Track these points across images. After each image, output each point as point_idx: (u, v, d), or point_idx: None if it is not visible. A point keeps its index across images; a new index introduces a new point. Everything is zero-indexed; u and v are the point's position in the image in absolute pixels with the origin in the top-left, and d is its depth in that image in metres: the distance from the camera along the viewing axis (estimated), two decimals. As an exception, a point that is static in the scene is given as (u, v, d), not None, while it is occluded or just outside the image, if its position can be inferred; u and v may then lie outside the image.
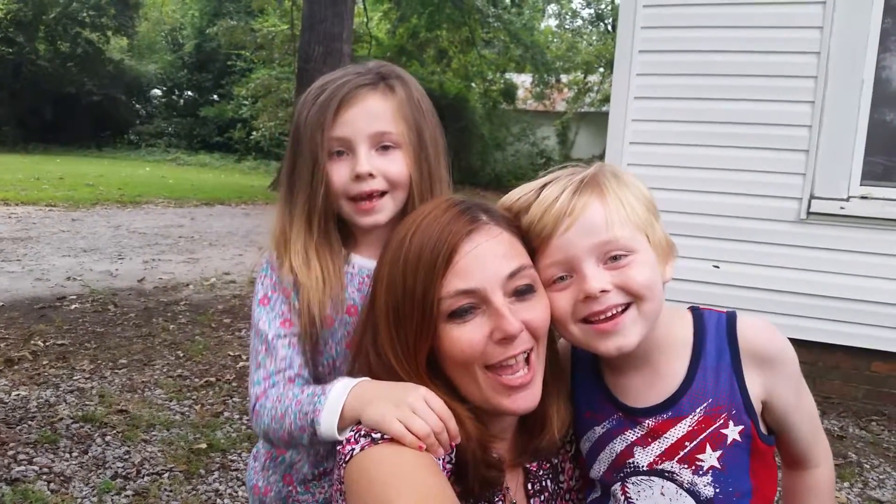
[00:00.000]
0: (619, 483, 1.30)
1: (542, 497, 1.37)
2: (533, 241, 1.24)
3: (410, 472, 1.04)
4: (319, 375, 1.52)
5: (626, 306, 1.20)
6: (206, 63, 34.67)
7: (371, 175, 1.43)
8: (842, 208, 4.93)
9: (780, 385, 1.27)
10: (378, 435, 1.12)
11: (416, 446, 1.10)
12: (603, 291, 1.18)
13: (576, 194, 1.21)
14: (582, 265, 1.20)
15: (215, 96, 34.74)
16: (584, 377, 1.38)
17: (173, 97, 36.73)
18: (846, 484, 3.97)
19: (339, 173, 1.45)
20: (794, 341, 1.22)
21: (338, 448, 1.16)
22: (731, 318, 1.29)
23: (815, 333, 5.07)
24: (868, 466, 4.21)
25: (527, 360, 1.20)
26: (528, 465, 1.36)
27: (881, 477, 4.09)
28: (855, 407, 5.05)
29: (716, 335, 1.28)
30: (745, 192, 5.14)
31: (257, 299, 1.51)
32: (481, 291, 1.16)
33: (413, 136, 1.48)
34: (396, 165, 1.46)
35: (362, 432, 1.14)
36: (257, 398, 1.41)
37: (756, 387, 1.26)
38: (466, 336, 1.17)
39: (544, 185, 1.27)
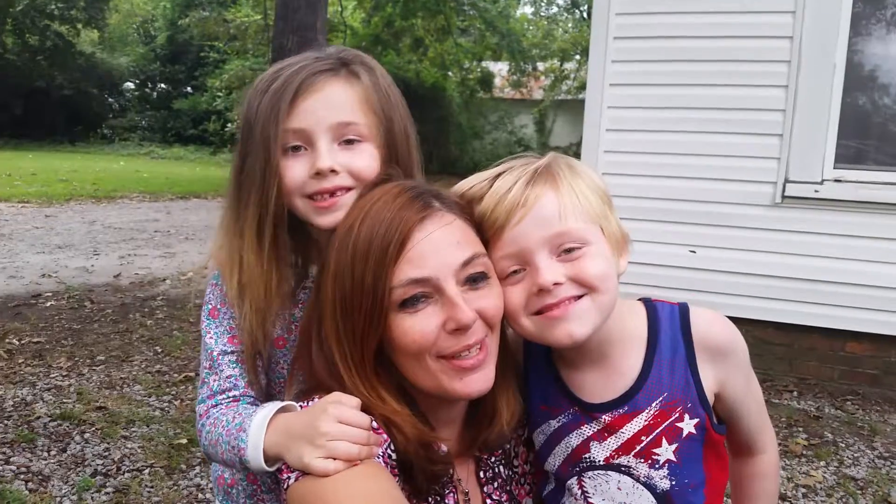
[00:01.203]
0: (576, 477, 1.29)
1: (496, 483, 1.35)
2: (486, 232, 1.21)
3: (350, 486, 1.02)
4: (272, 394, 1.46)
5: (580, 297, 1.18)
6: (179, 55, 34.24)
7: (333, 171, 1.27)
8: (816, 191, 4.98)
9: (732, 375, 1.28)
10: None
11: (347, 467, 1.07)
12: (556, 284, 1.16)
13: (529, 185, 1.19)
14: (535, 258, 1.17)
15: (189, 88, 34.34)
16: (538, 370, 1.36)
17: (146, 90, 36.25)
18: (822, 463, 4.04)
19: (294, 171, 1.29)
20: (771, 324, 1.23)
21: (278, 475, 1.15)
22: (683, 311, 1.29)
23: (791, 315, 5.14)
24: (843, 445, 4.28)
25: (479, 345, 1.17)
26: (483, 455, 1.34)
27: (856, 455, 4.16)
28: (830, 387, 5.12)
29: (670, 328, 1.27)
30: (720, 177, 5.18)
31: (207, 309, 1.41)
32: (434, 280, 1.13)
33: (382, 129, 1.34)
34: (363, 159, 1.31)
35: None
36: (200, 416, 1.34)
37: (709, 379, 1.26)
38: (419, 326, 1.13)
39: (497, 176, 1.24)
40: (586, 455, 1.28)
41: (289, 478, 1.09)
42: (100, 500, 3.39)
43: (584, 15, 31.05)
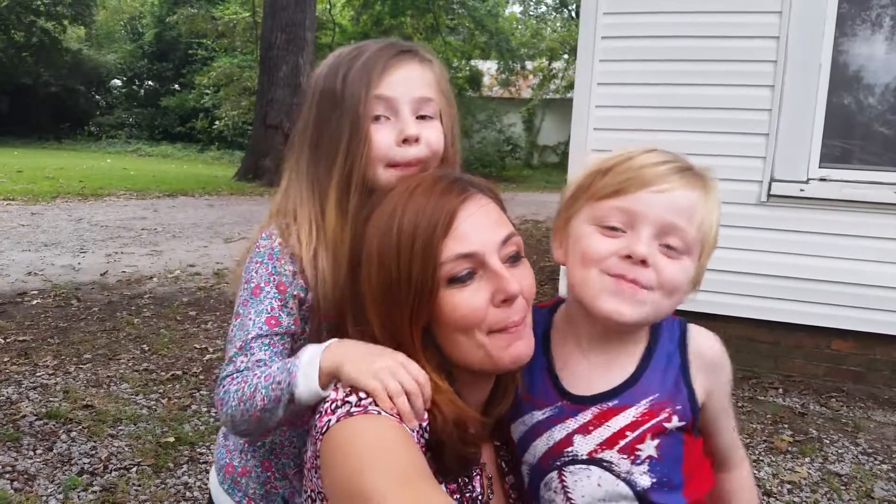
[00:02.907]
0: (556, 471, 1.29)
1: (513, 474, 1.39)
2: (610, 184, 1.25)
3: (386, 446, 1.03)
4: None
5: (649, 288, 1.21)
6: (167, 52, 34.08)
7: (417, 140, 1.36)
8: (801, 190, 5.02)
9: (718, 389, 1.32)
10: (356, 408, 1.10)
11: (388, 406, 1.10)
12: (644, 262, 1.19)
13: (682, 172, 1.24)
14: (643, 227, 1.20)
15: (176, 86, 34.20)
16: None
17: (134, 87, 36.05)
18: (807, 459, 4.07)
19: (382, 135, 1.35)
20: (757, 322, 1.26)
21: (313, 422, 1.15)
22: (682, 325, 1.34)
23: (777, 314, 5.18)
24: (828, 442, 4.32)
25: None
26: (496, 442, 1.37)
27: (840, 451, 4.20)
28: (816, 384, 5.17)
29: (668, 338, 1.32)
30: (707, 176, 5.21)
31: (249, 288, 1.38)
32: (480, 255, 1.17)
33: (448, 110, 1.45)
34: (436, 133, 1.40)
35: (338, 403, 1.12)
36: (223, 386, 1.34)
37: (700, 388, 1.29)
38: (468, 300, 1.17)
39: (653, 150, 1.30)
40: (569, 449, 1.28)
41: (329, 420, 1.09)
42: (86, 499, 3.38)
43: (573, 14, 31.13)
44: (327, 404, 1.13)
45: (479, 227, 1.19)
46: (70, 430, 4.05)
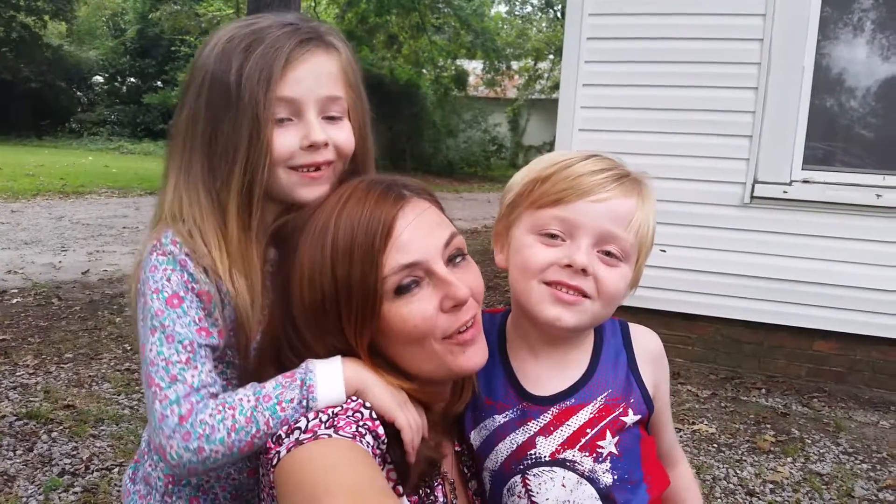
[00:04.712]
0: (520, 475, 1.28)
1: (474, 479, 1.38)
2: (550, 192, 1.25)
3: (339, 467, 1.00)
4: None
5: (584, 296, 1.23)
6: (150, 49, 33.76)
7: (325, 144, 1.25)
8: (784, 192, 5.06)
9: (662, 382, 1.38)
10: (304, 434, 1.06)
11: (409, 440, 1.11)
12: (584, 271, 1.21)
13: (620, 181, 1.25)
14: (582, 237, 1.22)
15: (159, 83, 33.86)
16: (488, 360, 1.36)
17: (116, 84, 35.67)
18: (789, 459, 4.11)
19: (284, 140, 1.23)
20: (740, 322, 1.27)
21: (262, 455, 1.10)
22: (623, 324, 1.39)
23: (760, 314, 5.22)
24: (809, 441, 4.36)
25: (472, 319, 1.20)
26: (456, 448, 1.36)
27: (822, 451, 4.24)
28: (798, 385, 5.21)
29: (612, 337, 1.36)
30: (690, 178, 5.24)
31: (163, 298, 1.20)
32: (424, 263, 1.13)
33: (357, 103, 1.33)
34: (345, 134, 1.29)
35: (282, 433, 1.08)
36: (181, 418, 1.12)
37: (649, 382, 1.33)
38: (418, 310, 1.13)
39: (591, 157, 1.30)
40: (532, 451, 1.28)
41: (279, 452, 1.05)
42: (67, 500, 3.34)
43: (558, 15, 31.18)
44: (269, 437, 1.10)
45: (419, 233, 1.14)
46: (51, 431, 4.01)
